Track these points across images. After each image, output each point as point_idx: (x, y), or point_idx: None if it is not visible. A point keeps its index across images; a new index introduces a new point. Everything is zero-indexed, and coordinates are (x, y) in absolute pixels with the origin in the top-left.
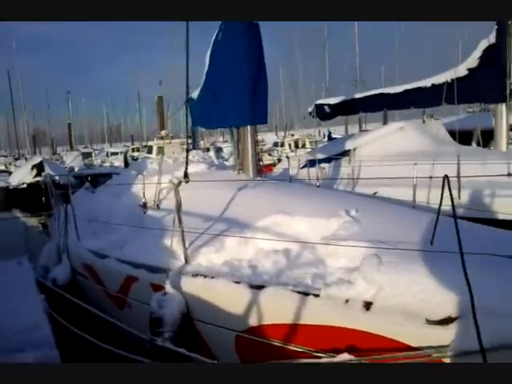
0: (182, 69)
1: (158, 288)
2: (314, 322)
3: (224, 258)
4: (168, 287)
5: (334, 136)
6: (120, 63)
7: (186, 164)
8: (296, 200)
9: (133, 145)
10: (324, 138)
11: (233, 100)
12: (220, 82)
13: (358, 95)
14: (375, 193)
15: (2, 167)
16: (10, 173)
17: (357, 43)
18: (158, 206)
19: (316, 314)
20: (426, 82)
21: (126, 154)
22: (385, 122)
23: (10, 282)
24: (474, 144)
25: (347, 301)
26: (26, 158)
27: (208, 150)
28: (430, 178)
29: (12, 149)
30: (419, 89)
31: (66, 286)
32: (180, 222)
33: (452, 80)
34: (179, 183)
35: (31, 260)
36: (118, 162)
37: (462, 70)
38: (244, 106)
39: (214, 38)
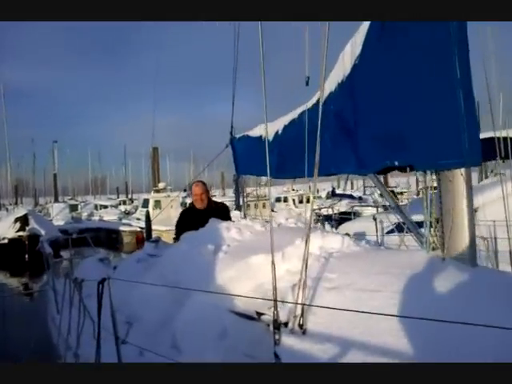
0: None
1: None
2: None
3: None
4: None
5: (337, 192)
6: (107, 114)
7: None
8: None
9: (118, 197)
10: (318, 193)
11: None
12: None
13: None
14: None
15: None
16: None
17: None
18: (301, 326)
19: None
20: None
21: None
22: None
23: None
24: None
25: None
26: (7, 209)
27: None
28: None
29: None
30: None
31: None
32: None
33: None
34: None
35: None
36: (108, 215)
37: None
38: (448, 137)
39: (364, 35)
